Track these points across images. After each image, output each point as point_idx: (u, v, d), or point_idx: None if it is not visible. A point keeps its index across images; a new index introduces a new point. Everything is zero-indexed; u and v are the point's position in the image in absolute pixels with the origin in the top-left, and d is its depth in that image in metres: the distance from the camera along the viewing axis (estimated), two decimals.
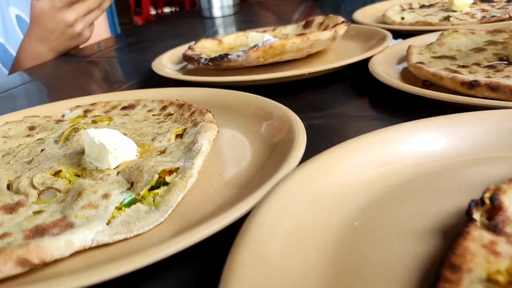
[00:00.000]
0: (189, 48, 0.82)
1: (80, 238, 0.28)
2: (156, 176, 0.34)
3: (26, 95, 0.82)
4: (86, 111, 0.56)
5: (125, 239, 0.30)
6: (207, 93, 0.57)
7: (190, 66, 0.82)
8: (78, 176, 0.38)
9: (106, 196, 0.32)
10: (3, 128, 0.52)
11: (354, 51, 0.76)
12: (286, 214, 0.27)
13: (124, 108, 0.56)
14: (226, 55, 0.68)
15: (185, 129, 0.45)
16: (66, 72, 0.96)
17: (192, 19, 1.48)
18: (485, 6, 0.96)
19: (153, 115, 0.53)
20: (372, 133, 0.35)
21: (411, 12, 1.00)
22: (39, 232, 0.29)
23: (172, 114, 0.51)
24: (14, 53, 1.12)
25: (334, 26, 0.74)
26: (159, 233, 0.30)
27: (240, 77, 0.62)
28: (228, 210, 0.28)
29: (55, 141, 0.45)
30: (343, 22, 0.73)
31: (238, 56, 0.67)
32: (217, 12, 1.41)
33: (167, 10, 9.47)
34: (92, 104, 0.58)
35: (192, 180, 0.33)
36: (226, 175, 0.38)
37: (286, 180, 0.30)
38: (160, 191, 0.33)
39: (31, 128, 0.52)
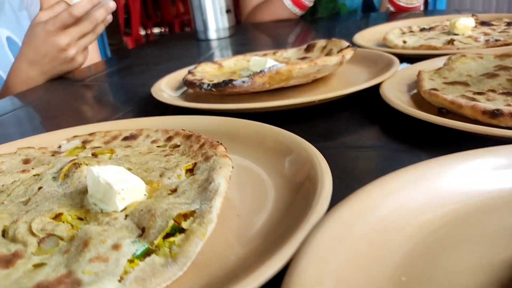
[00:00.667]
0: (189, 72, 0.79)
1: None
2: (171, 222, 0.31)
3: (17, 122, 0.78)
4: (84, 142, 0.53)
5: None
6: (215, 122, 0.54)
7: (190, 92, 0.79)
8: (81, 219, 0.34)
9: (116, 247, 0.29)
10: None
11: (359, 76, 0.74)
12: (326, 272, 0.24)
13: (125, 138, 0.52)
14: (231, 80, 0.65)
15: (195, 163, 0.42)
16: (59, 97, 0.92)
17: (186, 41, 1.46)
18: (486, 29, 0.96)
19: (158, 146, 0.49)
20: (406, 170, 0.32)
21: (412, 35, 0.99)
22: None
23: (179, 145, 0.48)
24: (4, 76, 1.09)
25: (340, 50, 0.72)
26: None
27: (247, 105, 0.59)
28: (258, 268, 0.25)
29: (54, 177, 0.42)
30: (348, 46, 0.71)
31: (244, 82, 0.64)
32: (212, 34, 1.39)
33: (156, 30, 9.52)
34: (91, 134, 0.54)
35: (212, 226, 0.30)
36: (245, 217, 0.35)
37: (320, 230, 0.27)
38: (177, 239, 0.29)
39: (26, 162, 0.48)
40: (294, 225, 0.29)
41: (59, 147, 0.54)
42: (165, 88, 0.78)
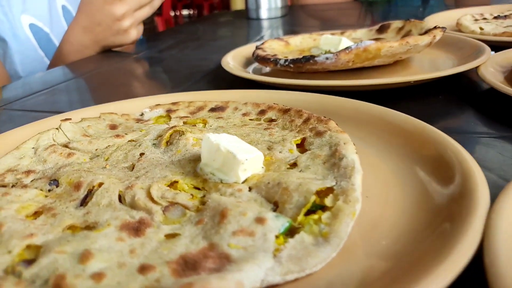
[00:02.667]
0: (258, 48, 0.76)
1: (251, 278, 0.21)
2: (313, 198, 0.27)
3: (79, 90, 0.77)
4: (168, 111, 0.50)
5: (295, 280, 0.23)
6: (305, 98, 0.50)
7: (257, 67, 0.76)
8: (198, 189, 0.32)
9: (260, 220, 0.26)
10: (81, 125, 0.45)
11: (440, 60, 0.70)
12: None
13: (212, 109, 0.49)
14: (312, 56, 0.61)
15: (304, 138, 0.38)
16: (114, 70, 0.90)
17: (236, 20, 1.42)
18: None
19: (250, 119, 0.46)
20: None
21: (487, 22, 0.93)
22: (190, 266, 0.22)
23: (275, 120, 0.45)
24: (57, 44, 1.07)
25: (426, 31, 0.67)
26: (333, 273, 0.24)
27: (340, 81, 0.55)
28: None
29: (154, 144, 0.39)
30: (436, 27, 0.66)
31: (327, 58, 0.60)
32: (264, 13, 1.35)
33: (185, 12, 9.51)
34: (174, 104, 0.51)
35: (359, 206, 0.27)
36: (375, 199, 0.31)
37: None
38: (324, 217, 0.26)
39: (113, 127, 0.46)
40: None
41: (141, 114, 0.51)
42: (232, 63, 0.75)
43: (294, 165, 0.34)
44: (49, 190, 0.33)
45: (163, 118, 0.49)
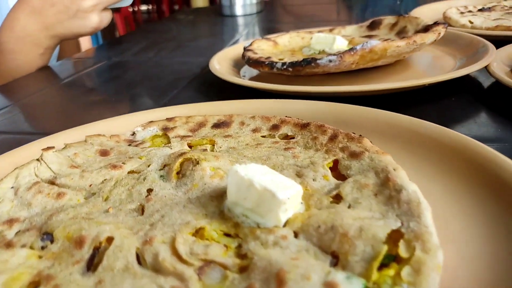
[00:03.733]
0: (247, 49, 0.70)
1: None
2: (384, 248, 0.22)
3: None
4: (165, 129, 0.44)
5: None
6: (317, 107, 0.45)
7: (245, 71, 0.70)
8: (230, 235, 0.26)
9: (331, 286, 0.20)
10: (66, 154, 0.39)
11: (443, 59, 0.66)
12: None
13: (216, 126, 0.43)
14: (314, 59, 0.57)
15: (336, 160, 0.33)
16: (87, 75, 0.82)
17: (210, 17, 1.35)
18: None
19: (263, 136, 0.41)
20: None
21: (474, 15, 0.91)
22: None
23: (292, 136, 0.39)
24: None
25: (426, 28, 0.64)
26: None
27: (353, 87, 0.51)
28: None
29: (162, 176, 0.33)
30: (438, 24, 0.63)
31: (330, 61, 0.56)
32: (238, 10, 1.29)
33: (143, 7, 9.27)
34: (169, 120, 0.45)
35: (441, 256, 0.22)
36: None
37: None
38: (405, 274, 0.21)
39: (104, 153, 0.39)
40: None
41: (133, 134, 0.44)
42: (219, 67, 0.69)
43: (337, 197, 0.29)
44: (42, 248, 0.26)
45: (159, 138, 0.43)
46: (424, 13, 0.98)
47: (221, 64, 0.71)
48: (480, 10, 0.96)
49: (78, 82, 0.78)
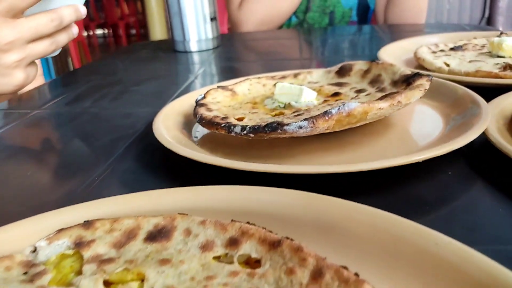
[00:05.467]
0: (199, 104, 0.59)
1: None
2: None
3: None
4: (78, 244, 0.31)
5: None
6: (289, 199, 0.34)
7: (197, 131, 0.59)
8: None
9: None
10: None
11: (427, 113, 0.58)
12: None
13: (150, 237, 0.31)
14: (280, 124, 0.46)
15: None
16: None
17: (161, 53, 1.23)
18: None
19: (216, 258, 0.29)
20: None
21: (447, 55, 0.84)
22: None
23: (257, 261, 0.28)
24: None
25: (407, 80, 0.55)
26: None
27: (335, 167, 0.40)
28: None
29: None
30: (421, 76, 0.54)
31: (301, 127, 0.45)
32: (193, 46, 1.18)
33: (99, 32, 9.07)
34: (87, 226, 0.33)
35: None
36: None
37: None
38: None
39: None
40: None
41: (34, 251, 0.32)
42: (164, 130, 0.55)
43: None
44: None
45: (69, 259, 0.31)
46: (392, 52, 0.91)
47: (168, 120, 0.59)
48: (452, 49, 0.89)
49: None
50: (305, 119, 0.45)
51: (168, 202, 0.36)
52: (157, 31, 5.19)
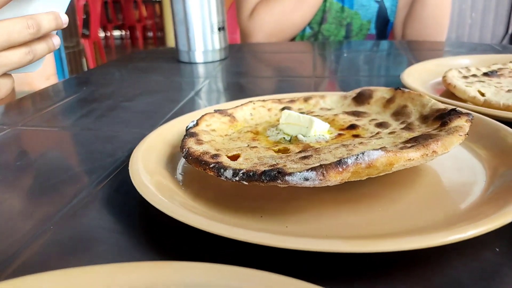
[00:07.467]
0: (190, 134, 0.50)
1: None
2: None
3: None
4: None
5: None
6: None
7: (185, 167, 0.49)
8: None
9: None
10: None
11: (465, 163, 0.48)
12: None
13: None
14: (281, 173, 0.36)
15: None
16: None
17: (164, 63, 1.15)
18: None
19: None
20: None
21: (480, 82, 0.74)
22: None
23: None
24: None
25: (444, 120, 0.45)
26: None
27: (353, 246, 0.30)
28: None
29: None
30: (459, 113, 0.44)
31: (307, 179, 0.35)
32: (199, 57, 1.10)
33: (116, 33, 9.10)
34: None
35: None
36: None
37: None
38: None
39: None
40: None
41: None
42: (143, 172, 0.46)
43: None
44: None
45: None
46: (417, 75, 0.81)
47: (151, 152, 0.50)
48: (485, 74, 0.79)
49: None
50: (312, 169, 0.36)
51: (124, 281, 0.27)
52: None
